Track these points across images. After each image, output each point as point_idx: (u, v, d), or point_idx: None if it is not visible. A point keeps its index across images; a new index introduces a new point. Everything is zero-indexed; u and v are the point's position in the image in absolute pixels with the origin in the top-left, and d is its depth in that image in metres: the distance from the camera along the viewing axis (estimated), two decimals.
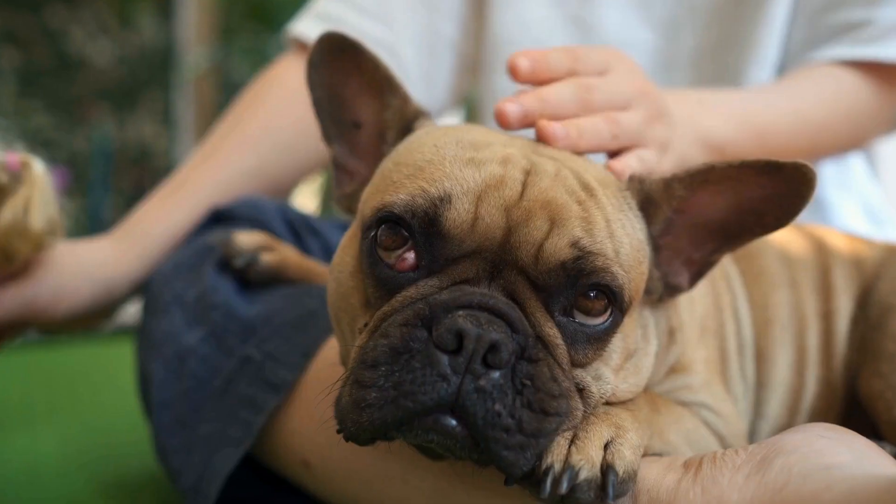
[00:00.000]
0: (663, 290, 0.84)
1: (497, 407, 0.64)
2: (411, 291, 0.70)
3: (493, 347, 0.65)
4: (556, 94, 0.85)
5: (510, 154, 0.75)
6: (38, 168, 1.13)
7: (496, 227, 0.70)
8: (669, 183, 0.80)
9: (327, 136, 0.89)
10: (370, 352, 0.67)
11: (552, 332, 0.69)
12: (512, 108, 0.82)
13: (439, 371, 0.64)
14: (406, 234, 0.71)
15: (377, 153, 0.87)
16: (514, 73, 0.86)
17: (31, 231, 1.09)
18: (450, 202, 0.70)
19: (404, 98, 0.86)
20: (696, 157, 1.06)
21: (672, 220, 0.82)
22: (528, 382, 0.66)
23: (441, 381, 0.64)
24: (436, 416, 0.65)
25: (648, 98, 0.92)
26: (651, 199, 0.80)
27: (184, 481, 1.00)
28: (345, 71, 0.85)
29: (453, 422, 0.65)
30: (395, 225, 0.71)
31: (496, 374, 0.65)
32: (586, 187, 0.75)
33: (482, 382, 0.64)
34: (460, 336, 0.64)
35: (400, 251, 0.71)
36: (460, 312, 0.65)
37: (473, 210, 0.70)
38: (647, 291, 0.81)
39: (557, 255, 0.69)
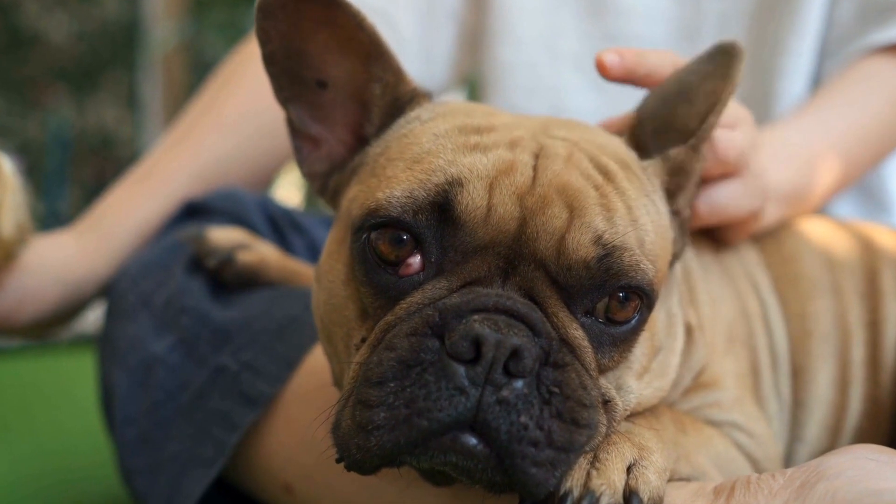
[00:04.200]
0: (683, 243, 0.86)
1: (523, 419, 0.64)
2: (417, 296, 0.69)
3: (515, 353, 0.64)
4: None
5: (518, 136, 0.75)
6: (7, 167, 1.10)
7: (510, 216, 0.69)
8: (696, 146, 0.83)
9: (281, 96, 0.85)
10: (375, 367, 0.66)
11: (577, 333, 0.70)
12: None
13: (456, 384, 0.64)
14: (405, 236, 0.70)
15: (350, 122, 0.86)
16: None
17: (1, 240, 1.07)
18: (461, 186, 0.70)
19: (397, 72, 0.83)
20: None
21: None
22: (556, 390, 0.66)
23: (459, 394, 0.63)
24: (454, 434, 0.64)
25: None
26: (682, 168, 0.83)
27: None
28: (312, 22, 0.81)
29: (473, 440, 0.64)
30: (392, 229, 0.71)
31: (519, 384, 0.65)
32: (603, 170, 0.75)
33: (505, 393, 0.64)
34: (477, 343, 0.64)
35: (401, 257, 0.70)
36: (475, 317, 0.65)
37: (487, 197, 0.70)
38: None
39: (580, 251, 0.69)
